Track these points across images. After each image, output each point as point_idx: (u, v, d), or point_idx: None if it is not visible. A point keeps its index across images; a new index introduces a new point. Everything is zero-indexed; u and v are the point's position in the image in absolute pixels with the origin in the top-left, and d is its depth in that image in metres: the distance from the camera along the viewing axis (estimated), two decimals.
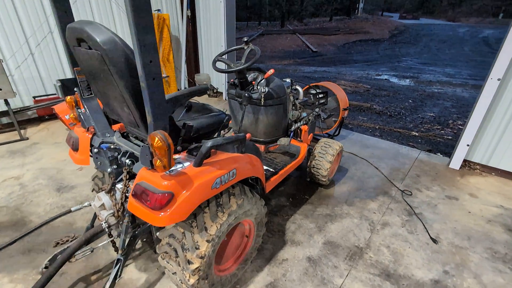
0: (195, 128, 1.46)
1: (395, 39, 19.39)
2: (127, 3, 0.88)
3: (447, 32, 22.03)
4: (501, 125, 2.87)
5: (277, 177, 2.00)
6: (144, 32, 0.94)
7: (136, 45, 0.95)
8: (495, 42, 17.35)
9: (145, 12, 0.92)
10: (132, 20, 0.90)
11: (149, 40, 0.96)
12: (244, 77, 2.04)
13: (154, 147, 1.04)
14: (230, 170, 1.33)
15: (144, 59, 0.98)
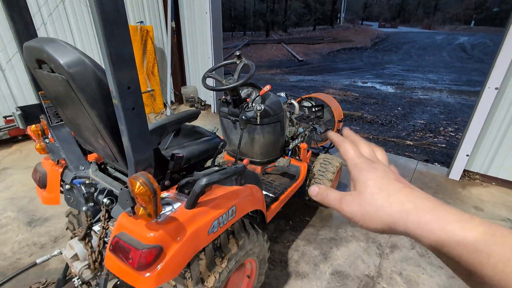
0: (186, 157, 1.26)
1: (377, 47, 19.92)
2: (95, 18, 0.68)
3: (425, 40, 22.90)
4: (499, 133, 2.81)
5: (278, 203, 1.81)
6: (119, 52, 0.74)
7: (109, 69, 0.75)
8: (470, 48, 18.11)
9: (120, 27, 0.73)
10: (102, 38, 0.70)
11: (126, 62, 0.77)
12: (238, 94, 1.86)
13: (135, 194, 0.83)
14: (229, 208, 1.13)
15: (120, 86, 0.78)
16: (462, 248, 0.25)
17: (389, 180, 0.32)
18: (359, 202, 0.32)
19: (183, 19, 5.13)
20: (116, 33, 0.72)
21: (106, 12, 0.68)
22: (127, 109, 0.80)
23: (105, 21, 0.69)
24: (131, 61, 0.78)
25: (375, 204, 0.31)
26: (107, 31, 0.70)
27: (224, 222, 1.11)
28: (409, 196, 0.30)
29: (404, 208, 0.29)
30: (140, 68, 4.80)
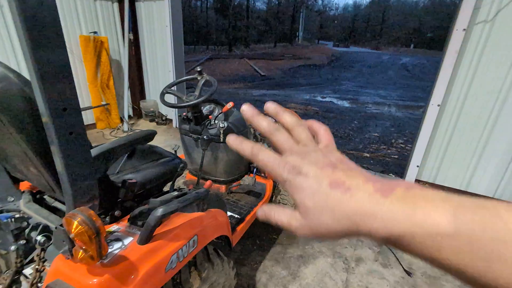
0: (141, 183, 1.13)
1: (333, 64, 21.37)
2: (16, 18, 0.56)
3: (374, 59, 25.20)
4: (442, 146, 3.10)
5: (244, 224, 1.72)
6: (50, 64, 0.62)
7: (38, 86, 0.62)
8: (412, 68, 20.34)
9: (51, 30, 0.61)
10: (27, 45, 0.58)
11: (61, 77, 0.65)
12: (199, 111, 1.78)
13: (73, 236, 0.69)
14: (190, 239, 1.02)
15: (52, 106, 0.65)
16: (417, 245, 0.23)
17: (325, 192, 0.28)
18: (309, 227, 0.30)
19: (142, 31, 4.93)
20: (46, 39, 0.61)
21: (30, 9, 0.56)
22: (62, 134, 0.67)
23: (30, 23, 0.57)
24: (67, 75, 0.67)
25: (324, 227, 0.29)
26: (33, 36, 0.58)
27: (185, 255, 1.00)
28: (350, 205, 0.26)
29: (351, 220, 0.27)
30: (94, 80, 4.46)
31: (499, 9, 2.56)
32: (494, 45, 2.64)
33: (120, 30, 4.92)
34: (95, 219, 0.70)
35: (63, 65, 0.66)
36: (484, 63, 2.71)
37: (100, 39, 4.32)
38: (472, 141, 2.95)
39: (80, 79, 4.50)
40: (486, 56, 2.69)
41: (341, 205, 0.27)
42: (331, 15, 53.60)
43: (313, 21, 45.86)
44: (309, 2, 36.21)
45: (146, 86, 5.41)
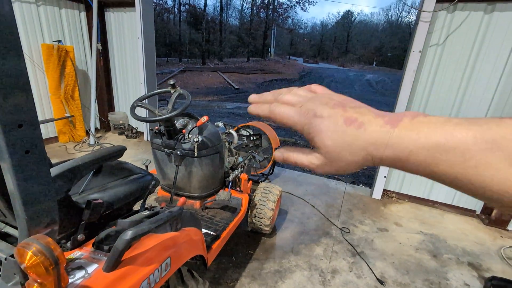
0: (108, 203, 1.05)
1: (304, 79, 22.22)
2: None
3: (341, 75, 26.66)
4: None
5: (220, 241, 1.67)
6: (3, 73, 0.57)
7: None
8: (375, 84, 21.79)
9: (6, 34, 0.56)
10: None
11: (15, 88, 0.59)
12: (172, 125, 1.73)
13: (26, 268, 0.61)
14: (162, 262, 0.96)
15: (5, 122, 0.59)
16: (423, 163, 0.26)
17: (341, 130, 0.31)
18: (329, 164, 0.33)
19: (111, 41, 4.77)
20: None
21: None
22: (16, 153, 0.61)
23: None
24: (24, 87, 0.61)
25: (344, 161, 0.31)
26: None
27: (156, 280, 0.93)
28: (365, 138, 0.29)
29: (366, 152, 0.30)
30: (56, 91, 4.17)
31: (448, 34, 2.86)
32: (446, 64, 2.93)
33: (88, 40, 4.72)
34: (53, 248, 0.63)
35: (19, 75, 0.60)
36: (438, 80, 2.98)
37: (65, 48, 4.09)
38: None
39: (41, 90, 4.19)
40: (440, 73, 2.96)
41: (357, 139, 0.30)
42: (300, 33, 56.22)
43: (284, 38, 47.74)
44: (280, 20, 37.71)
45: (115, 98, 5.18)
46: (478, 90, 2.86)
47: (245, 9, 37.51)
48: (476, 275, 2.25)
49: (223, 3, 32.42)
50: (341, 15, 55.66)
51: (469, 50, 2.82)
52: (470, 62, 2.84)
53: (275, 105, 0.36)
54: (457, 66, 2.90)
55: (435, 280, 2.17)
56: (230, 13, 38.21)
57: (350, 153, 0.30)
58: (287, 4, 36.54)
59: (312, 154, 0.34)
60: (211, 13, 33.95)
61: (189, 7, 30.95)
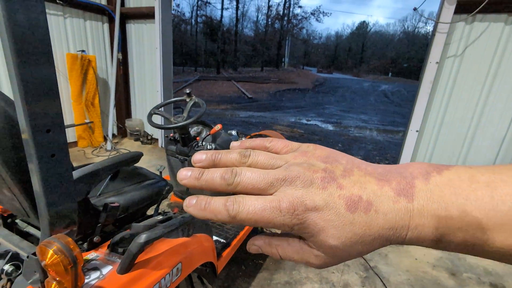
0: (123, 206, 1.08)
1: (317, 89, 22.19)
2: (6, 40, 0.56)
3: (355, 85, 26.45)
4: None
5: (230, 249, 1.67)
6: (36, 81, 0.61)
7: (21, 104, 0.60)
8: (391, 94, 21.44)
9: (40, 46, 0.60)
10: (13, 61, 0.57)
11: (46, 96, 0.64)
12: (187, 133, 1.77)
13: (46, 266, 0.64)
14: (173, 267, 0.97)
15: (35, 127, 0.63)
16: None
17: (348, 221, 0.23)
18: (338, 260, 0.26)
19: (131, 51, 4.98)
20: (34, 57, 0.60)
21: (19, 28, 0.56)
22: (43, 156, 0.65)
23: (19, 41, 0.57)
24: (53, 94, 0.65)
25: (356, 254, 0.25)
26: (20, 53, 0.57)
27: (167, 285, 0.95)
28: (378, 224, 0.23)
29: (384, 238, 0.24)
30: (78, 98, 4.37)
31: (467, 45, 2.80)
32: (464, 76, 2.86)
33: (109, 50, 4.94)
34: (72, 248, 0.66)
35: (50, 83, 0.65)
36: (456, 92, 2.91)
37: (88, 58, 4.31)
38: (451, 161, 3.09)
39: (63, 96, 4.40)
40: (458, 86, 2.90)
41: (370, 228, 0.23)
42: (315, 43, 56.55)
43: (298, 48, 48.10)
44: (294, 31, 38.18)
45: (132, 105, 5.36)
46: (499, 104, 2.77)
47: (260, 20, 38.24)
48: None
49: (239, 15, 33.21)
50: (356, 25, 55.70)
51: (489, 62, 2.75)
52: (490, 74, 2.77)
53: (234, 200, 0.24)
54: (476, 79, 2.83)
55: None
56: (245, 24, 39.06)
57: (363, 245, 0.24)
58: (301, 15, 36.97)
59: (309, 252, 0.26)
60: (227, 24, 34.83)
61: (206, 19, 31.90)
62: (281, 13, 34.37)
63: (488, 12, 2.67)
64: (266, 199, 0.23)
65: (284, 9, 34.00)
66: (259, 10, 37.14)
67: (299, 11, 43.02)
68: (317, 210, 0.23)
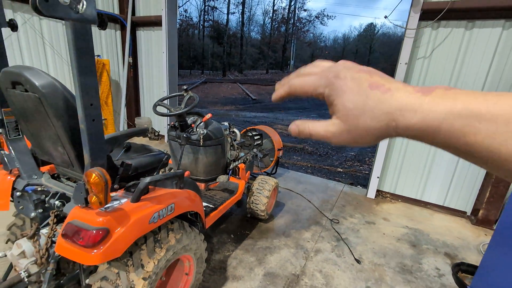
0: (134, 167, 1.53)
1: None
2: (71, 48, 1.00)
3: None
4: (399, 160, 3.58)
5: (217, 212, 2.10)
6: (86, 76, 1.05)
7: (78, 88, 1.05)
8: None
9: (88, 57, 1.05)
10: (74, 64, 1.01)
11: (90, 84, 1.08)
12: (184, 121, 2.21)
13: (90, 184, 1.08)
14: (168, 205, 1.41)
15: (85, 102, 1.08)
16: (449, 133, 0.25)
17: (365, 93, 0.29)
18: (347, 131, 0.31)
19: (141, 55, 5.49)
20: (85, 64, 1.05)
21: (79, 49, 1.01)
22: (89, 120, 1.09)
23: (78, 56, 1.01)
24: (94, 84, 1.10)
25: (364, 127, 0.30)
26: (79, 63, 1.02)
27: (164, 216, 1.38)
28: (391, 103, 0.28)
29: (387, 117, 0.28)
30: None
31: (434, 48, 3.18)
32: (432, 75, 3.23)
33: (121, 54, 5.47)
34: (105, 174, 1.10)
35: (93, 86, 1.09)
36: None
37: (103, 62, 4.83)
38: (421, 158, 3.45)
39: None
40: (427, 83, 3.26)
41: (381, 103, 0.27)
42: (322, 46, 56.78)
43: (304, 51, 48.44)
44: (300, 33, 38.61)
45: (141, 105, 5.87)
46: None
47: (267, 24, 38.83)
48: (449, 262, 2.48)
49: (245, 19, 33.87)
50: (363, 27, 55.60)
51: (453, 63, 3.12)
52: (455, 73, 3.13)
53: (293, 78, 0.35)
54: (442, 77, 3.19)
55: (408, 263, 2.43)
56: (252, 27, 39.70)
57: (372, 118, 0.28)
58: (306, 19, 37.36)
59: (329, 121, 0.32)
60: (234, 28, 35.53)
61: (213, 23, 32.65)
62: (286, 17, 34.88)
63: (450, 19, 3.04)
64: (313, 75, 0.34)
65: (289, 13, 34.51)
66: (265, 14, 37.77)
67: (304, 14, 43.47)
68: (345, 79, 0.30)
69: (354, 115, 0.29)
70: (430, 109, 0.25)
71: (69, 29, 0.97)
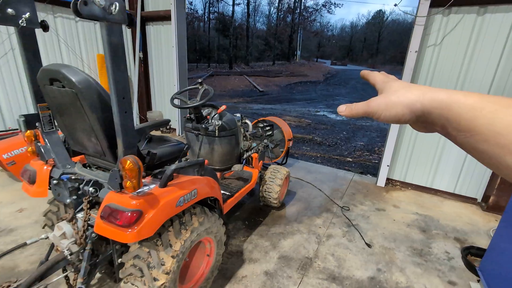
0: (158, 156, 1.64)
1: (329, 81, 22.25)
2: (105, 46, 1.10)
3: None
4: (409, 148, 3.62)
5: (233, 199, 2.21)
6: (118, 71, 1.16)
7: (112, 83, 1.15)
8: None
9: (120, 54, 1.15)
10: (108, 60, 1.12)
11: (122, 79, 1.18)
12: (200, 112, 2.31)
13: (125, 169, 1.20)
14: (191, 190, 1.52)
15: (118, 96, 1.18)
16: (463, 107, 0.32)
17: (410, 84, 0.39)
18: (385, 96, 0.39)
19: (151, 50, 5.58)
20: (117, 61, 1.14)
21: (112, 44, 1.11)
22: (121, 112, 1.20)
23: (111, 52, 1.11)
24: (125, 79, 1.20)
25: (397, 94, 0.38)
26: (113, 59, 1.12)
27: (188, 200, 1.49)
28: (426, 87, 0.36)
29: (421, 91, 0.36)
30: None
31: (444, 35, 3.16)
32: (443, 62, 3.22)
33: (131, 50, 5.58)
34: (138, 161, 1.21)
35: (124, 79, 1.19)
36: (436, 77, 3.28)
37: None
38: (431, 146, 3.47)
39: None
40: (438, 71, 3.26)
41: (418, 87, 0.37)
42: (329, 35, 55.74)
43: (311, 41, 47.68)
44: (306, 23, 37.97)
45: (152, 99, 6.00)
46: (474, 87, 3.12)
47: (272, 14, 38.30)
48: (458, 246, 2.55)
49: (251, 9, 33.47)
50: (372, 15, 54.14)
51: (464, 50, 3.10)
52: (466, 60, 3.12)
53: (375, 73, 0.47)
54: (453, 64, 3.18)
55: (418, 247, 2.51)
56: (257, 18, 39.25)
57: (406, 90, 0.37)
58: (313, 8, 36.62)
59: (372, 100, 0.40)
60: (239, 19, 35.19)
61: (218, 15, 32.40)
62: (292, 6, 34.29)
63: (462, 4, 3.02)
64: None
65: (295, 2, 33.89)
66: (271, 4, 37.19)
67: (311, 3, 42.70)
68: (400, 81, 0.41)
69: (395, 89, 0.38)
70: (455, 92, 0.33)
71: (104, 29, 1.07)
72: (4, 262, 2.02)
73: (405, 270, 2.22)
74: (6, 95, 4.02)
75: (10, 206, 2.78)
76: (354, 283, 2.06)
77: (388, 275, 2.16)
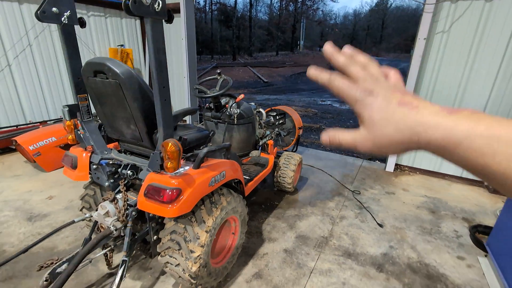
0: (188, 141, 1.77)
1: (333, 70, 22.03)
2: (149, 39, 1.22)
3: None
4: None
5: (253, 183, 2.35)
6: (160, 62, 1.28)
7: (155, 72, 1.27)
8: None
9: (161, 46, 1.27)
10: (152, 52, 1.24)
11: (164, 72, 1.30)
12: (219, 102, 2.43)
13: (167, 151, 1.33)
14: (221, 172, 1.65)
15: (160, 85, 1.30)
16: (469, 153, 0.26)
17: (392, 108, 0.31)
18: (372, 140, 0.33)
19: None
20: (159, 52, 1.27)
21: (155, 39, 1.23)
22: (162, 100, 1.32)
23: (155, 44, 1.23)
24: (165, 69, 1.32)
25: (387, 138, 0.32)
26: (156, 51, 1.25)
27: (218, 181, 1.63)
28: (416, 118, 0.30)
29: (414, 131, 0.30)
30: None
31: (453, 22, 3.21)
32: (451, 49, 3.28)
33: (141, 43, 5.67)
34: (178, 144, 1.34)
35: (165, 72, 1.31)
36: (445, 63, 3.34)
37: (126, 51, 5.05)
38: None
39: None
40: (446, 58, 3.32)
41: (407, 118, 0.30)
42: (332, 23, 54.84)
43: (314, 30, 47.00)
44: (309, 12, 37.41)
45: None
46: (482, 71, 3.18)
47: (274, 3, 37.73)
48: (466, 225, 2.68)
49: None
50: (376, 2, 53.01)
51: (472, 36, 3.15)
52: (473, 47, 3.17)
53: (334, 77, 0.36)
54: (462, 50, 3.24)
55: (428, 227, 2.64)
56: (259, 8, 38.75)
57: (396, 130, 0.30)
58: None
59: (356, 131, 0.35)
60: (241, 10, 34.79)
61: (220, 6, 32.04)
62: None
63: None
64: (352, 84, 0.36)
65: None
66: None
67: None
68: (377, 97, 0.33)
69: (379, 125, 0.32)
70: (453, 127, 0.27)
71: (148, 25, 1.18)
72: (44, 243, 2.20)
73: (416, 247, 2.36)
74: (25, 89, 4.17)
75: (40, 194, 2.95)
76: (368, 259, 2.20)
77: (400, 251, 2.30)
